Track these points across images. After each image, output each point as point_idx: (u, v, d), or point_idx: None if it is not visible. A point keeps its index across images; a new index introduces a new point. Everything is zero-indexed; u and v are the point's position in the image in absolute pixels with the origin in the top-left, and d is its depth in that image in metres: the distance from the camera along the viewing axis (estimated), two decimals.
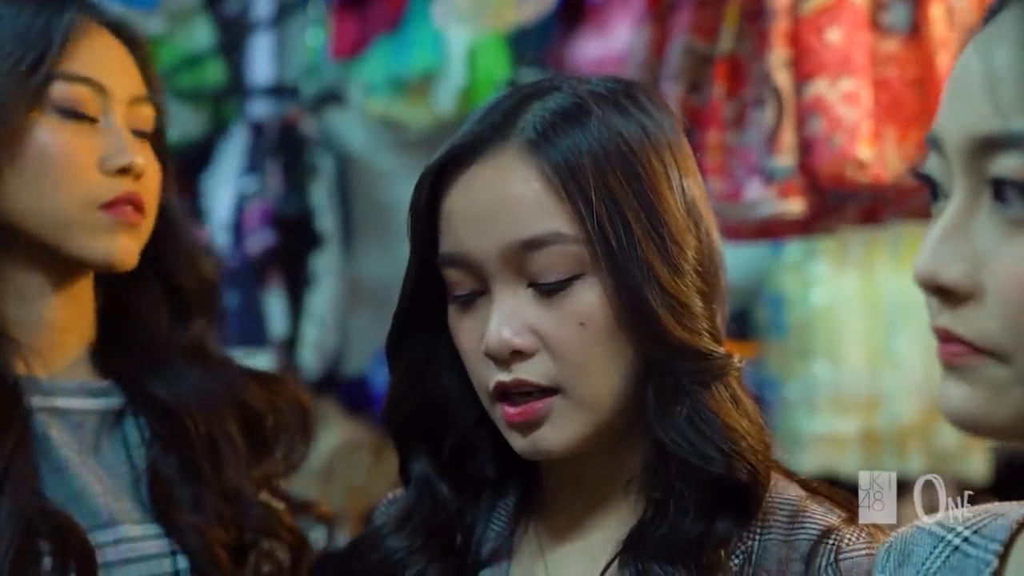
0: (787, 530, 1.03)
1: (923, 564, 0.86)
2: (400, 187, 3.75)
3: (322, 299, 3.64)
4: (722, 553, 1.01)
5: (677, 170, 1.04)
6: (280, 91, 3.91)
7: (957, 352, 0.72)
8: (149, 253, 1.30)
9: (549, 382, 1.02)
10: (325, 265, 3.63)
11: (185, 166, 3.44)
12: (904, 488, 1.02)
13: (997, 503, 0.87)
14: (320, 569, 1.32)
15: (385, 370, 1.15)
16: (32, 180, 1.22)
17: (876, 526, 1.03)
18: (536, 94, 1.06)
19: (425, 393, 1.11)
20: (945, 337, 0.73)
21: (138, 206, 1.25)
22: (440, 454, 1.12)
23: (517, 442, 1.04)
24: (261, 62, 4.07)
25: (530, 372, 1.01)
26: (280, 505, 1.31)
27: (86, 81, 1.25)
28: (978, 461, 3.23)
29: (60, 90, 1.23)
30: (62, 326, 1.28)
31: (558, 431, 1.02)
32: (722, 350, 1.04)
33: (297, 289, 3.63)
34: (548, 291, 1.01)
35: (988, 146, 0.71)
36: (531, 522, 1.11)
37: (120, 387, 1.30)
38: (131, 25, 1.32)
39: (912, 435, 3.26)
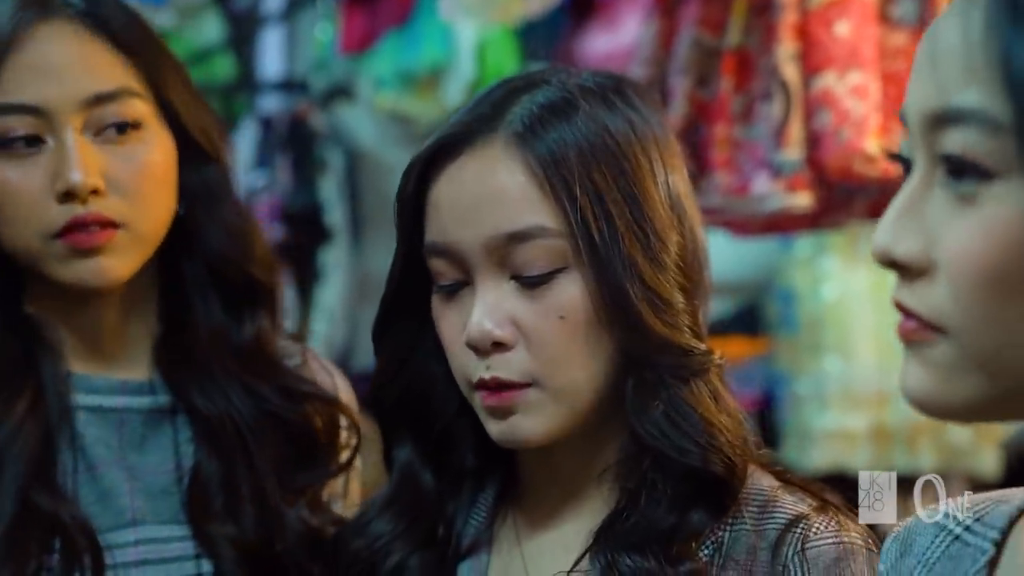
0: (757, 519, 1.03)
1: (923, 554, 0.86)
2: None
3: (331, 293, 3.64)
4: (692, 544, 1.01)
5: (663, 166, 1.05)
6: (289, 86, 3.91)
7: (911, 328, 0.73)
8: (194, 244, 1.25)
9: (525, 378, 1.02)
10: (334, 259, 3.63)
11: None
12: (912, 485, 1.02)
13: (1005, 490, 0.86)
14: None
15: None
16: None
17: (847, 515, 1.03)
18: (525, 87, 1.06)
19: (411, 380, 1.12)
20: (902, 311, 0.74)
21: (100, 223, 1.18)
22: (424, 442, 1.12)
23: (493, 428, 1.05)
24: (270, 57, 4.07)
25: (506, 369, 1.02)
26: (319, 521, 1.27)
27: (18, 108, 1.16)
28: (989, 457, 3.22)
29: None
30: (106, 326, 1.26)
31: (532, 420, 1.03)
32: (703, 346, 1.04)
33: (306, 283, 3.63)
34: (530, 284, 1.02)
35: (936, 122, 0.72)
36: (509, 513, 1.12)
37: (166, 386, 1.27)
38: (107, 9, 1.21)
39: (923, 431, 3.25)
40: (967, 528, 0.84)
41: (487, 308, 1.02)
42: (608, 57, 2.83)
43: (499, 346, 1.02)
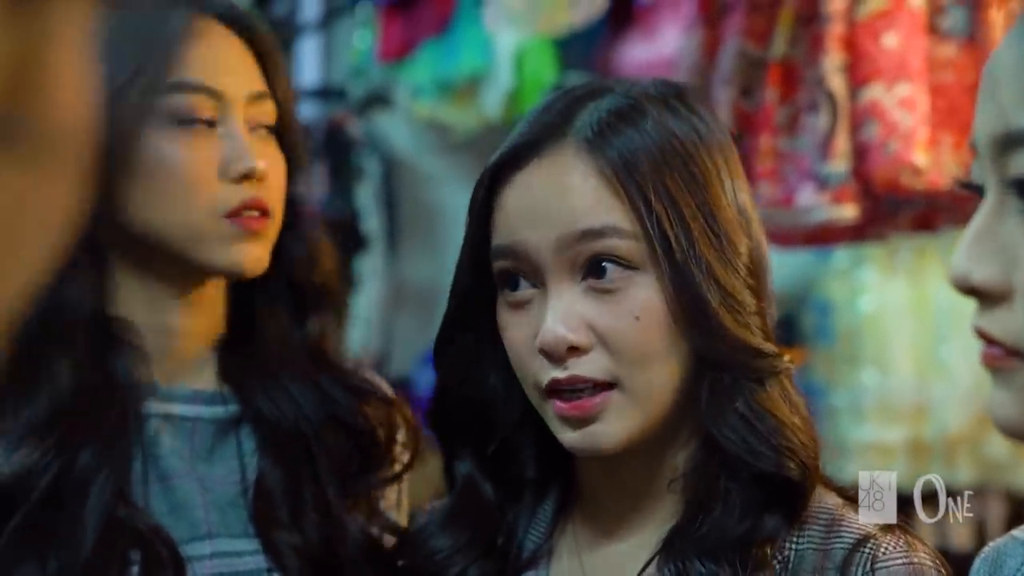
0: (823, 538, 1.02)
1: (1013, 574, 0.85)
2: (446, 190, 3.75)
3: (366, 301, 3.64)
4: (768, 550, 1.01)
5: (728, 173, 1.06)
6: (327, 93, 3.92)
7: (994, 355, 0.72)
8: (274, 251, 1.26)
9: (606, 376, 1.02)
10: (370, 267, 3.64)
11: None
12: (951, 497, 1.01)
13: None
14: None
15: (429, 373, 1.14)
16: (154, 193, 1.20)
17: (914, 535, 1.02)
18: (589, 96, 1.06)
19: (471, 393, 1.11)
20: (984, 339, 0.73)
21: (263, 210, 1.21)
22: (485, 454, 1.12)
23: (568, 436, 1.03)
24: (308, 64, 4.08)
25: (586, 368, 1.01)
26: (376, 529, 1.27)
27: (200, 88, 1.21)
28: None
29: (175, 100, 1.20)
30: (187, 333, 1.26)
31: (612, 426, 1.02)
32: (774, 348, 1.04)
33: (343, 294, 3.62)
34: (603, 284, 1.02)
35: (1003, 145, 0.71)
36: (569, 524, 1.12)
37: (234, 395, 1.28)
38: (248, 17, 1.28)
39: (960, 445, 3.22)
40: None
41: (560, 312, 1.01)
42: (647, 67, 2.82)
43: (574, 351, 1.01)
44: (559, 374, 1.02)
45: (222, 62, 1.24)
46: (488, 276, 1.06)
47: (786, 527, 1.02)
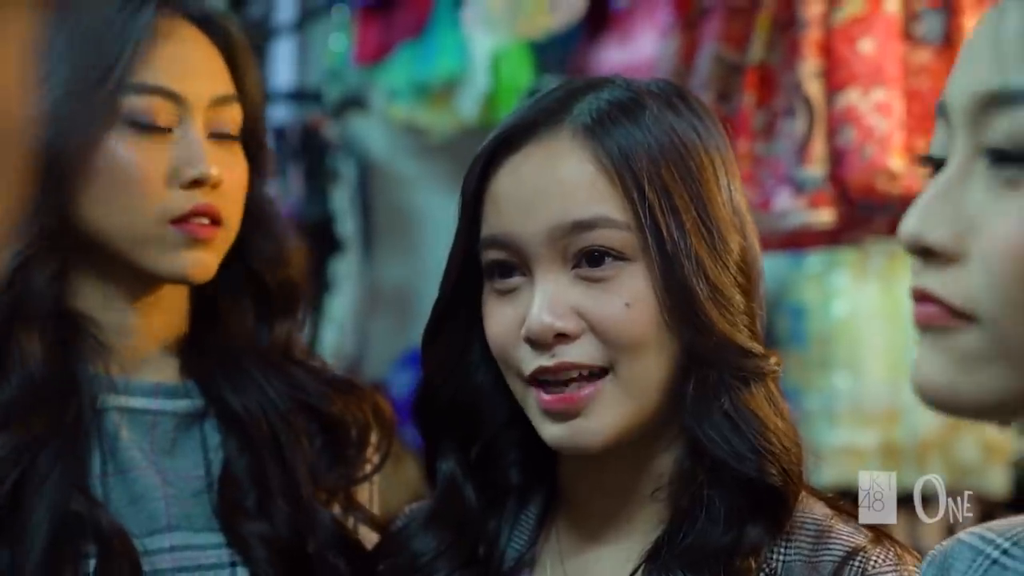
0: (812, 549, 1.01)
1: None
2: (422, 193, 3.75)
3: (341, 304, 3.64)
4: (751, 562, 1.00)
5: (725, 173, 1.05)
6: (302, 96, 3.91)
7: (933, 314, 0.72)
8: (238, 250, 1.26)
9: (597, 362, 1.01)
10: (345, 270, 3.63)
11: None
12: (925, 501, 1.01)
13: None
14: None
15: (404, 376, 1.15)
16: (103, 195, 1.20)
17: (903, 547, 1.02)
18: (589, 86, 1.06)
19: (457, 389, 1.10)
20: (922, 298, 0.72)
21: (213, 218, 1.21)
22: (468, 455, 1.11)
23: (551, 431, 1.02)
24: (284, 66, 4.07)
25: (574, 355, 1.01)
26: (351, 521, 1.27)
27: (159, 91, 1.20)
28: (998, 475, 3.21)
29: (131, 102, 1.20)
30: (146, 329, 1.26)
31: (597, 421, 1.01)
32: (761, 350, 1.04)
33: (317, 294, 3.62)
34: (593, 273, 1.01)
35: (988, 104, 0.71)
36: (553, 532, 1.10)
37: (199, 389, 1.28)
38: (220, 17, 1.27)
39: (932, 448, 3.24)
40: (1005, 552, 0.84)
41: (547, 300, 1.01)
42: (623, 71, 2.82)
43: (562, 338, 1.00)
44: (546, 362, 1.01)
45: (186, 64, 1.22)
46: (477, 268, 1.05)
47: (770, 537, 1.01)
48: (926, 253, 0.72)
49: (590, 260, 1.01)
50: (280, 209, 1.35)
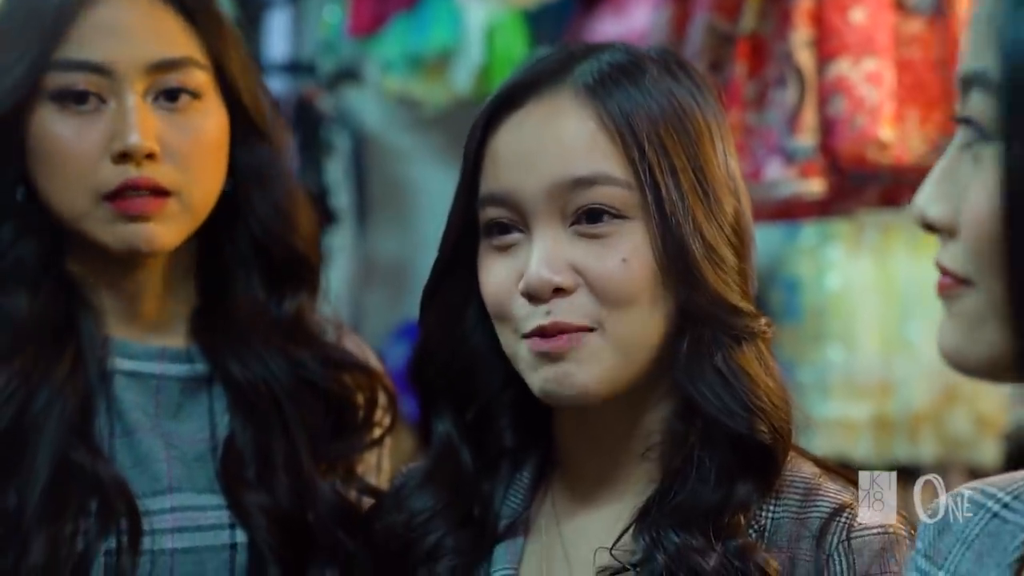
0: (800, 507, 1.03)
1: (963, 532, 0.87)
2: (416, 166, 3.74)
3: (336, 277, 3.64)
4: (741, 518, 1.01)
5: (721, 139, 1.07)
6: (296, 68, 3.90)
7: (944, 283, 0.77)
8: (243, 217, 1.25)
9: (588, 321, 1.02)
10: (340, 243, 3.63)
11: None
12: (913, 475, 1.02)
13: None
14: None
15: (399, 348, 1.15)
16: (43, 172, 1.19)
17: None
18: (590, 50, 1.08)
19: (454, 351, 1.11)
20: (940, 271, 0.78)
21: (152, 189, 1.18)
22: (464, 416, 1.11)
23: (542, 375, 1.03)
24: (278, 38, 4.06)
25: (568, 313, 1.02)
26: (353, 492, 1.27)
27: (83, 66, 1.17)
28: (990, 448, 3.23)
29: (55, 79, 1.18)
30: (146, 295, 1.26)
31: (588, 369, 1.02)
32: (753, 310, 1.05)
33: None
34: (591, 229, 1.02)
35: (963, 86, 0.76)
36: (548, 494, 1.11)
37: (203, 355, 1.27)
38: None
39: (924, 421, 3.26)
40: (1006, 506, 0.85)
41: (545, 255, 1.02)
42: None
43: (559, 292, 1.02)
44: (543, 320, 1.02)
45: (116, 32, 1.19)
46: (477, 226, 1.06)
47: (759, 495, 1.02)
48: (931, 228, 0.77)
49: (589, 217, 1.03)
50: (292, 178, 1.31)
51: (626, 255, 1.02)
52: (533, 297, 1.02)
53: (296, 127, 3.67)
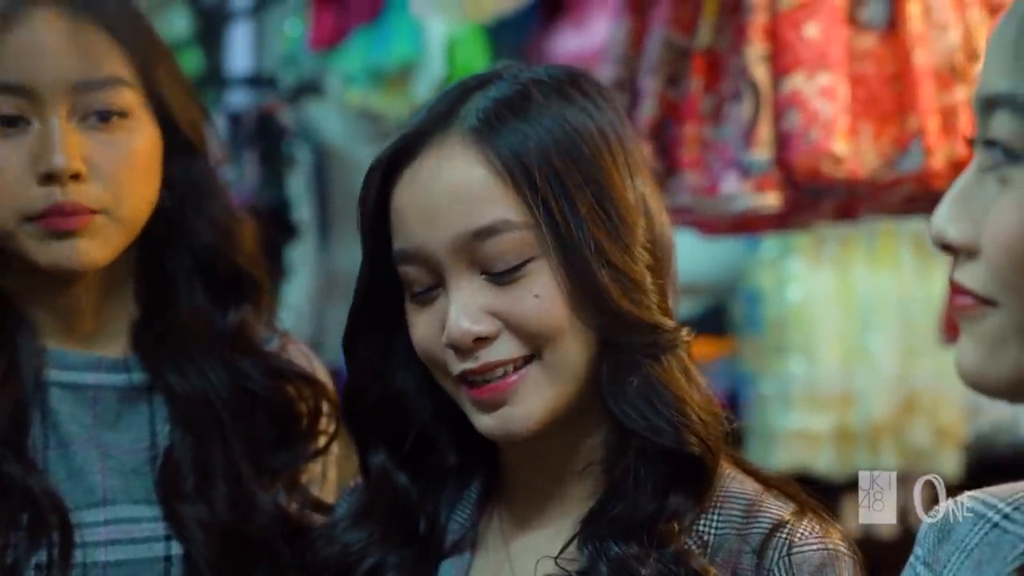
0: (742, 523, 1.04)
1: (962, 541, 0.87)
2: None
3: (298, 290, 3.64)
4: (675, 525, 1.02)
5: (623, 150, 1.06)
6: (258, 81, 3.90)
7: (962, 304, 0.77)
8: (180, 232, 1.25)
9: (518, 353, 1.03)
10: (301, 256, 3.63)
11: None
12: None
13: None
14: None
15: None
16: None
17: (828, 520, 1.04)
18: (478, 85, 1.06)
19: (383, 389, 1.11)
20: (955, 289, 0.78)
21: (79, 212, 1.18)
22: (399, 446, 1.12)
23: (482, 421, 1.04)
24: (239, 52, 4.06)
25: (495, 354, 1.03)
26: (295, 504, 1.26)
27: (5, 88, 1.17)
28: (950, 459, 3.25)
29: None
30: (81, 308, 1.25)
31: (524, 406, 1.03)
32: (671, 323, 1.05)
33: (272, 280, 3.61)
34: (501, 278, 1.03)
35: (987, 107, 0.77)
36: (495, 510, 1.12)
37: (141, 364, 1.27)
38: None
39: (885, 432, 3.28)
40: (1006, 516, 0.86)
41: (462, 307, 1.02)
42: (578, 57, 2.83)
43: (481, 341, 1.02)
44: (471, 364, 1.03)
45: (37, 53, 1.19)
46: (390, 272, 1.06)
47: (692, 503, 1.04)
48: (950, 248, 0.77)
49: (496, 265, 1.03)
50: (228, 192, 1.32)
51: (538, 291, 1.02)
52: (457, 348, 1.03)
53: (257, 140, 3.67)
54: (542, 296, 1.02)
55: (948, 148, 1.79)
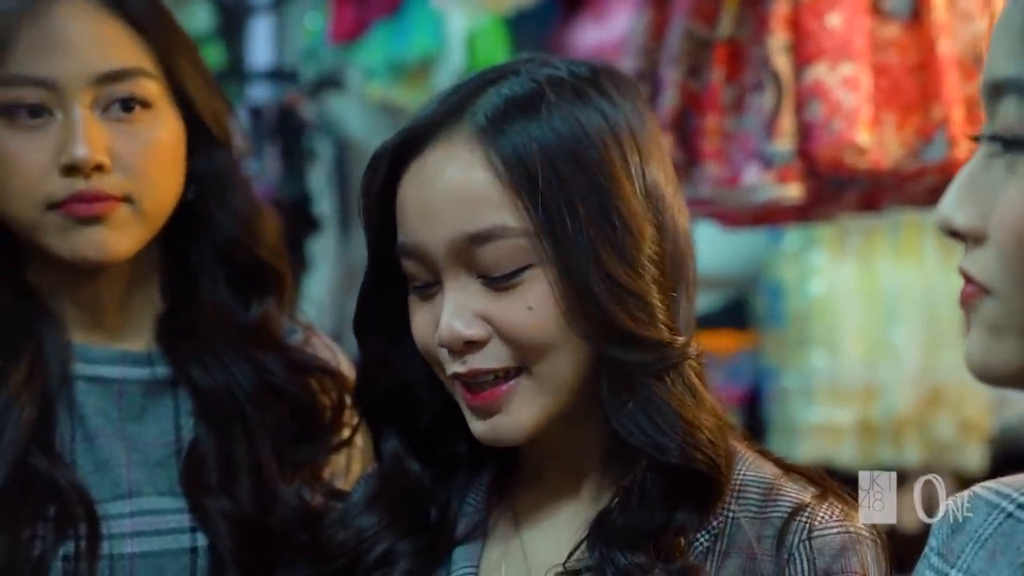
0: (760, 507, 1.03)
1: (976, 531, 0.87)
2: None
3: (319, 283, 3.64)
4: (681, 540, 1.01)
5: (638, 155, 1.03)
6: (279, 75, 3.91)
7: (968, 292, 0.76)
8: (205, 226, 1.26)
9: (507, 363, 1.02)
10: (322, 249, 3.63)
11: None
12: (900, 480, 1.02)
13: None
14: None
15: None
16: None
17: (851, 504, 1.03)
18: (493, 79, 1.04)
19: (395, 375, 1.10)
20: (963, 278, 0.77)
21: (102, 199, 1.19)
22: (412, 433, 1.11)
23: (476, 426, 1.04)
24: (260, 46, 4.07)
25: (484, 361, 1.02)
26: (318, 496, 1.26)
27: (26, 81, 1.18)
28: (974, 452, 3.23)
29: (2, 94, 1.18)
30: (107, 302, 1.26)
31: (517, 416, 1.02)
32: (678, 339, 1.03)
33: (294, 273, 3.62)
34: (497, 283, 1.01)
35: (994, 93, 0.76)
36: (507, 497, 1.11)
37: (165, 358, 1.27)
38: None
39: (909, 426, 3.26)
40: (1020, 506, 0.85)
41: (455, 309, 1.01)
42: (599, 49, 2.83)
43: (472, 345, 1.01)
44: (459, 368, 1.02)
45: (59, 45, 1.19)
46: (397, 261, 1.05)
47: (698, 519, 1.02)
48: (956, 235, 0.77)
49: (492, 270, 1.01)
50: (252, 185, 1.32)
51: (532, 303, 1.00)
52: (449, 350, 1.02)
53: (279, 134, 3.68)
54: (535, 308, 1.00)
55: None
